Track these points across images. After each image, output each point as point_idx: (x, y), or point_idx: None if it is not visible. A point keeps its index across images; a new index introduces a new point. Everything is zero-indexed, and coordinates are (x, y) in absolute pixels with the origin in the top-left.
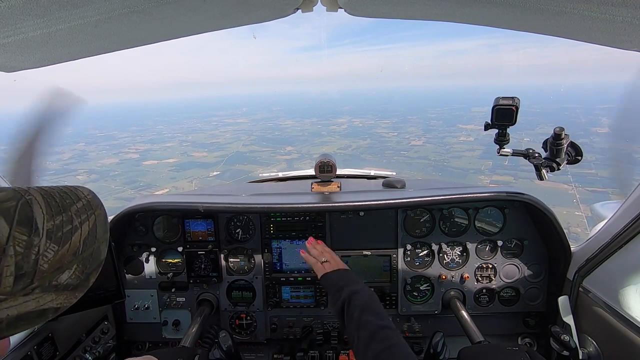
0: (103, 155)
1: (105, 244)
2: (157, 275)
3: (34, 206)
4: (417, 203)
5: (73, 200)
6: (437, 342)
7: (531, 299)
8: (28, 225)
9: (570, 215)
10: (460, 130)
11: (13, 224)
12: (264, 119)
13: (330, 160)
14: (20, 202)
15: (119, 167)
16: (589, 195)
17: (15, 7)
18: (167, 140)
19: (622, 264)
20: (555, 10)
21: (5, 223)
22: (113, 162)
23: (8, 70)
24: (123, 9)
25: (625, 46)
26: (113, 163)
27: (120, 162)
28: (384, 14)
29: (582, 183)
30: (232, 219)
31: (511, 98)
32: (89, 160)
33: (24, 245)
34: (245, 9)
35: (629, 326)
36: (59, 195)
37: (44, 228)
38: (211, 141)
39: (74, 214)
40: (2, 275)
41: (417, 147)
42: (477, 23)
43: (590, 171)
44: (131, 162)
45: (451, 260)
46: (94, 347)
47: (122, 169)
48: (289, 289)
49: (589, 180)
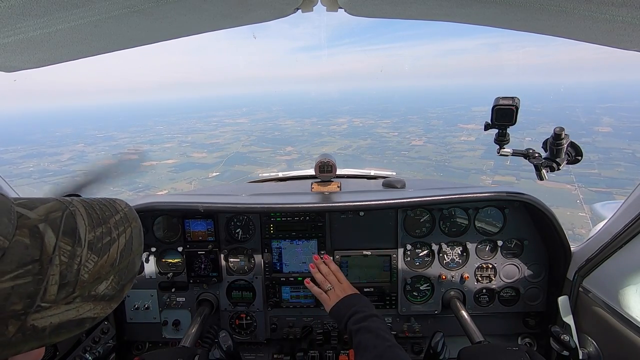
0: (102, 156)
1: (139, 257)
2: (157, 275)
3: (77, 217)
4: (417, 203)
5: (112, 213)
6: (437, 342)
7: (531, 299)
8: (72, 236)
9: (574, 217)
10: (461, 130)
11: (59, 235)
12: (263, 119)
13: (330, 160)
14: (65, 213)
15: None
16: (593, 196)
17: (15, 7)
18: (167, 141)
19: (622, 264)
20: (556, 10)
21: (52, 233)
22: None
23: (8, 70)
24: (123, 9)
25: (625, 46)
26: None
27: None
28: (384, 14)
29: (586, 183)
30: (232, 219)
31: (511, 98)
32: (88, 161)
33: (68, 255)
34: (245, 9)
35: (629, 326)
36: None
37: (85, 239)
38: (211, 142)
39: (112, 226)
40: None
41: (418, 147)
42: (477, 23)
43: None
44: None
45: (451, 260)
46: (94, 347)
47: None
48: (289, 289)
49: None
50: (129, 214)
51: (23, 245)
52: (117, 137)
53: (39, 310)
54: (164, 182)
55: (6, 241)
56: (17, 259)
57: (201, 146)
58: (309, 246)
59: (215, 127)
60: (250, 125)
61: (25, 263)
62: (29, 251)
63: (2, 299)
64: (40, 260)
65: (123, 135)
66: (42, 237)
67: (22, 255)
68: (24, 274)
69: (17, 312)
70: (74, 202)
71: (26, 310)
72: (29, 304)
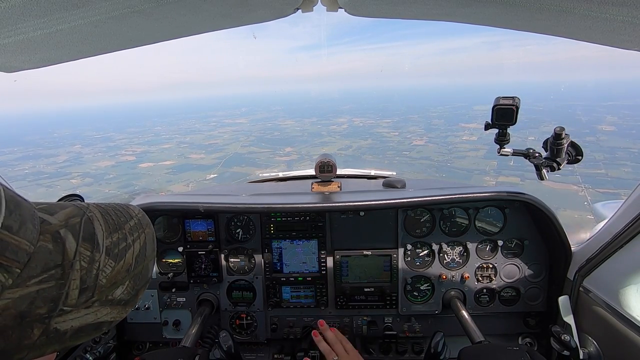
0: (99, 157)
1: (152, 262)
2: (158, 275)
3: (95, 223)
4: (417, 203)
5: (126, 219)
6: (438, 342)
7: (531, 298)
8: (91, 242)
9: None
10: (463, 129)
11: (79, 240)
12: (263, 119)
13: (331, 160)
14: (83, 218)
15: (114, 170)
16: (600, 197)
17: (15, 8)
18: (165, 142)
19: (623, 263)
20: (556, 10)
21: (73, 239)
22: (109, 164)
23: (8, 70)
24: (123, 9)
25: (626, 46)
26: (109, 166)
27: (116, 164)
28: (384, 14)
29: (593, 184)
30: (233, 219)
31: (511, 98)
32: (83, 163)
33: (87, 260)
34: (245, 9)
35: (630, 326)
36: (114, 213)
37: (103, 244)
38: (209, 142)
39: (127, 232)
40: (69, 288)
41: (420, 147)
42: (478, 23)
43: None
44: (127, 164)
45: (451, 260)
46: (94, 347)
47: (117, 171)
48: (289, 289)
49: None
50: (142, 220)
51: (47, 250)
52: (115, 137)
53: (62, 314)
54: (161, 184)
55: (32, 246)
56: (41, 264)
57: (199, 147)
58: (309, 246)
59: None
60: (249, 125)
61: (49, 268)
62: (52, 256)
63: (28, 302)
64: (62, 265)
65: (121, 136)
66: (64, 242)
67: (46, 260)
68: (47, 278)
69: (42, 315)
70: (90, 207)
71: (50, 314)
72: (52, 308)
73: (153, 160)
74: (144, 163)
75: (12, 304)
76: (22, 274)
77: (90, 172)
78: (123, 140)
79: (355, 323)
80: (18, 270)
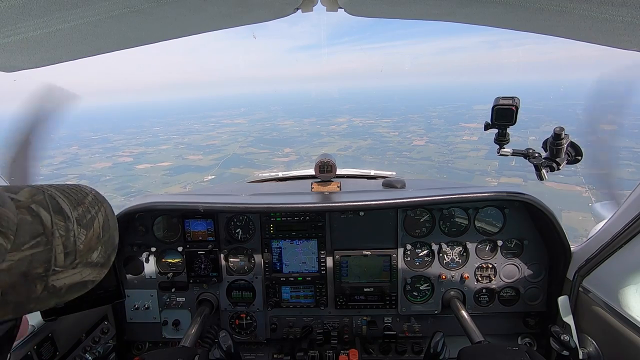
0: (96, 159)
1: (116, 232)
2: (157, 275)
3: (58, 199)
4: (417, 203)
5: (83, 195)
6: (437, 342)
7: (531, 298)
8: (62, 214)
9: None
10: (463, 129)
11: (51, 213)
12: (262, 119)
13: (330, 160)
14: (45, 195)
15: (111, 172)
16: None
17: (15, 7)
18: (163, 143)
19: (622, 263)
20: (556, 10)
21: (46, 212)
22: (105, 166)
23: (8, 70)
24: (123, 9)
25: (625, 46)
26: (105, 167)
27: (113, 165)
28: (384, 14)
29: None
30: (232, 219)
31: (511, 98)
32: (80, 164)
33: (64, 229)
34: (245, 9)
35: (629, 326)
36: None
37: (72, 216)
38: (207, 143)
39: (88, 205)
40: (56, 252)
41: (420, 147)
42: (478, 23)
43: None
44: (124, 165)
45: (451, 260)
46: (94, 347)
47: (114, 173)
48: (289, 288)
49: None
50: (97, 196)
51: (27, 222)
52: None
53: (55, 273)
54: (158, 186)
55: (15, 219)
56: (28, 233)
57: (197, 148)
58: (309, 246)
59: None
60: (248, 126)
61: (35, 235)
62: (34, 226)
63: (27, 263)
64: (45, 234)
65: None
66: (39, 215)
67: (31, 229)
68: (36, 244)
69: (40, 274)
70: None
71: (46, 272)
72: (47, 268)
73: (150, 161)
74: (141, 164)
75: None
76: (16, 240)
77: (86, 174)
78: (121, 141)
79: (354, 323)
80: (12, 237)
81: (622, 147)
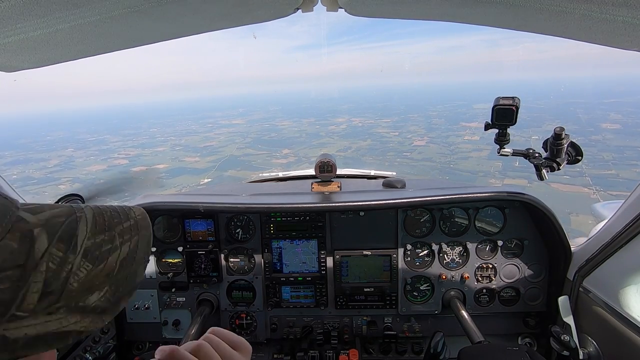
0: (91, 161)
1: (143, 267)
2: (157, 275)
3: (80, 223)
4: (417, 203)
5: (121, 220)
6: (437, 342)
7: (531, 299)
8: (67, 242)
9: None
10: (464, 129)
11: (53, 240)
12: (260, 119)
13: (330, 160)
14: (69, 219)
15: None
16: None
17: (15, 7)
18: (159, 145)
19: (622, 264)
20: (556, 10)
21: (46, 239)
22: (100, 168)
23: (8, 70)
24: (123, 9)
25: (625, 46)
26: (100, 170)
27: (108, 168)
28: (384, 14)
29: (604, 186)
30: (232, 219)
31: (511, 98)
32: (74, 167)
33: (57, 262)
34: (245, 9)
35: (629, 326)
36: (109, 214)
37: (82, 246)
38: (204, 144)
39: (117, 233)
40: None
41: (421, 147)
42: (477, 23)
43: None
44: (119, 168)
45: (451, 260)
46: (94, 347)
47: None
48: (289, 288)
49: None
50: (140, 222)
51: (8, 250)
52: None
53: (13, 319)
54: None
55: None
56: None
57: (194, 150)
58: (309, 246)
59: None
60: (246, 126)
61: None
62: (13, 256)
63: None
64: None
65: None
66: (33, 242)
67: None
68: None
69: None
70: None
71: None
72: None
73: (146, 163)
74: (137, 167)
75: None
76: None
77: (79, 177)
78: (117, 143)
79: (355, 323)
80: None
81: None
